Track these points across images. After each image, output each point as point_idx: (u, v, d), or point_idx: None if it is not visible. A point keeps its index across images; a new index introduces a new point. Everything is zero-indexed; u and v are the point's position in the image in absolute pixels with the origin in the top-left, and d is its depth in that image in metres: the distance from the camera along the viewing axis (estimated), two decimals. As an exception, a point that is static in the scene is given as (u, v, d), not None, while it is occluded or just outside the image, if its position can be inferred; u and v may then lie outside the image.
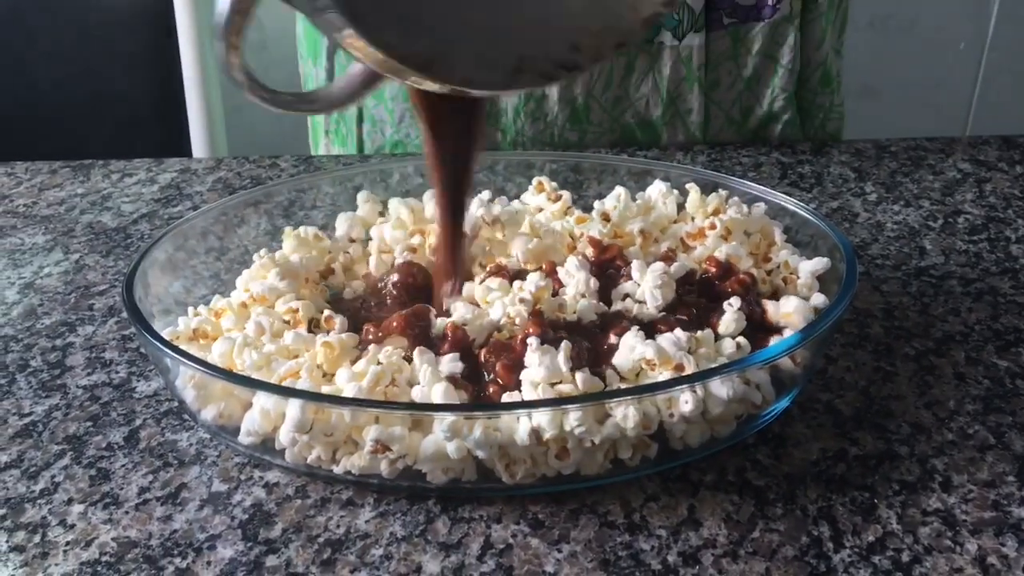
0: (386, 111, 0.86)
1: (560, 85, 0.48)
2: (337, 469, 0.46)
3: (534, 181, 0.66)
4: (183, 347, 0.51)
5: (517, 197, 0.68)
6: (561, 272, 0.54)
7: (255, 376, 0.49)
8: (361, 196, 0.66)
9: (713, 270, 0.56)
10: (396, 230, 0.62)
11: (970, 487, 0.47)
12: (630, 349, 0.48)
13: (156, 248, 0.57)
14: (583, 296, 0.53)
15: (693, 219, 0.62)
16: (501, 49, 0.39)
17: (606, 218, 0.61)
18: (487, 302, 0.53)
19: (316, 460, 0.47)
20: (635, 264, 0.54)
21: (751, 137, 0.88)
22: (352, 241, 0.63)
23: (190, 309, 0.55)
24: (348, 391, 0.46)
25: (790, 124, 0.87)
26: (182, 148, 1.18)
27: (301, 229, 0.62)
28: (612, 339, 0.50)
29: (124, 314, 0.62)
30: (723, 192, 0.62)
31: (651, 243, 0.59)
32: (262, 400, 0.47)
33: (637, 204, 0.63)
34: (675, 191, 0.64)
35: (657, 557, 0.43)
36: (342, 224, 0.64)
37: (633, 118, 0.85)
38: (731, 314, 0.51)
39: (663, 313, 0.52)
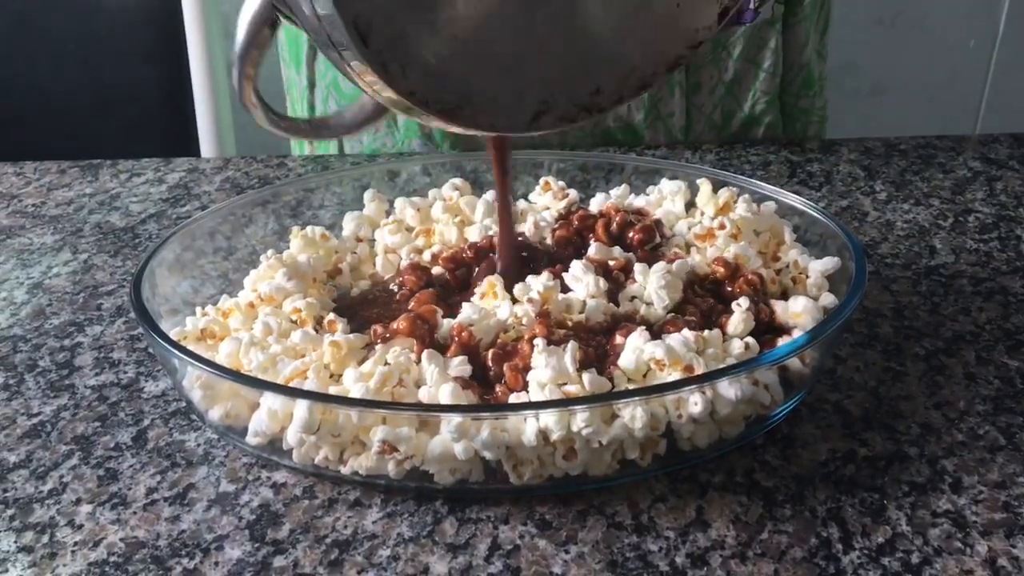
0: None
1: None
2: (344, 470, 0.46)
3: (541, 180, 0.66)
4: (191, 347, 0.51)
5: (524, 196, 0.68)
6: (567, 277, 0.54)
7: (262, 377, 0.49)
8: (368, 195, 0.66)
9: (721, 270, 0.56)
10: (395, 235, 0.62)
11: (980, 488, 0.47)
12: (636, 350, 0.48)
13: (164, 248, 0.57)
14: (592, 298, 0.52)
15: (703, 214, 0.62)
16: (525, 95, 0.39)
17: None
18: (497, 295, 0.53)
19: (323, 460, 0.47)
20: (637, 267, 0.54)
21: (732, 140, 0.87)
22: (359, 241, 0.63)
23: (198, 309, 0.55)
24: (355, 392, 0.46)
25: (772, 127, 0.87)
26: (190, 148, 1.18)
27: (308, 229, 0.62)
28: (618, 340, 0.49)
29: (132, 314, 0.62)
30: (733, 188, 0.62)
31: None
32: (269, 401, 0.47)
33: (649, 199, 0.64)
34: (683, 184, 0.64)
35: (665, 558, 0.43)
36: (349, 223, 0.64)
37: (615, 122, 0.85)
38: (740, 314, 0.51)
39: (671, 314, 0.52)
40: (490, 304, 0.53)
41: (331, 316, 0.53)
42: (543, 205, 0.65)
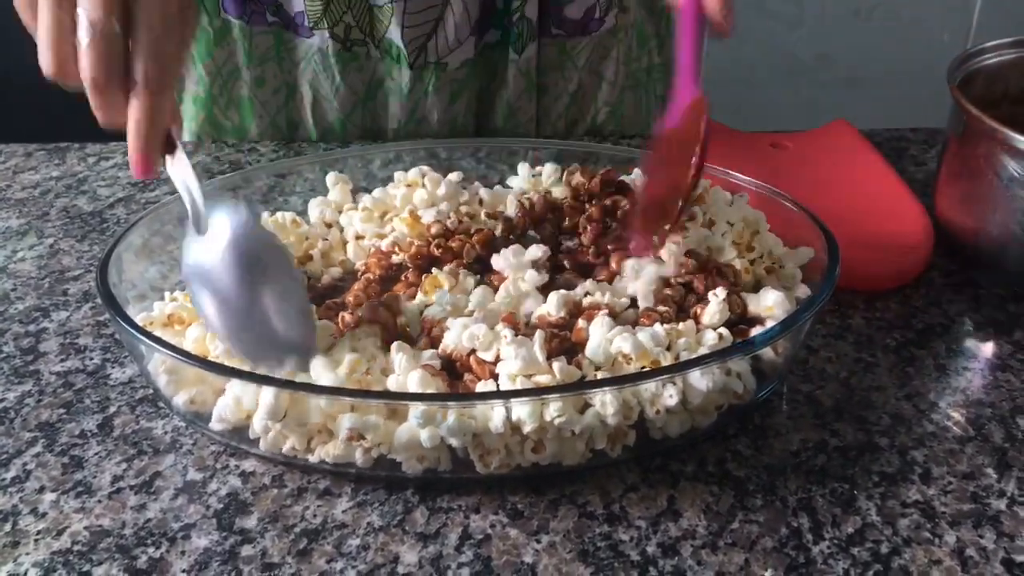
0: None
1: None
2: (312, 458, 0.46)
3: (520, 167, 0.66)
4: (157, 333, 0.50)
5: (500, 183, 0.67)
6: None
7: (228, 363, 0.48)
8: (330, 178, 0.65)
9: (692, 262, 0.55)
10: (366, 223, 0.61)
11: (949, 479, 0.47)
12: (603, 341, 0.48)
13: (132, 233, 0.56)
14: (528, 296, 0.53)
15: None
16: None
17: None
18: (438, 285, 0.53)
19: (291, 449, 0.46)
20: (628, 265, 0.54)
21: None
22: (329, 226, 0.63)
23: (165, 294, 0.55)
24: (324, 379, 0.46)
25: (614, 136, 0.86)
26: (161, 131, 1.16)
27: (279, 215, 0.61)
28: (581, 324, 0.49)
29: (99, 299, 0.61)
30: (706, 182, 0.62)
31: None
32: (236, 387, 0.46)
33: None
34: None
35: (636, 548, 0.43)
36: (314, 209, 0.63)
37: (490, 125, 0.84)
38: (716, 304, 0.51)
39: (645, 306, 0.52)
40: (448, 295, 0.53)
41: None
42: (520, 190, 0.65)
